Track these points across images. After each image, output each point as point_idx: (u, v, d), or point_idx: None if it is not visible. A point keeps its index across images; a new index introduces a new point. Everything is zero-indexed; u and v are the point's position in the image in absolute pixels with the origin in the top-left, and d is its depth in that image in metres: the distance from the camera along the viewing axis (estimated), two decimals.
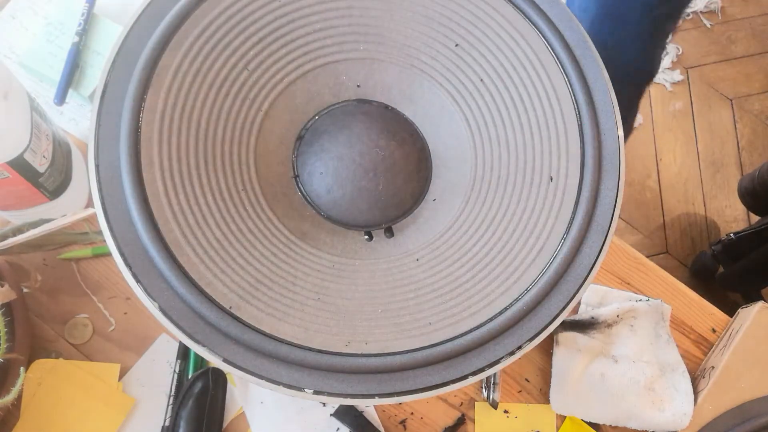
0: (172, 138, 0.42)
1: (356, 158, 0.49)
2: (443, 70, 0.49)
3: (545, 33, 0.46)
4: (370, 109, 0.52)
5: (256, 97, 0.47)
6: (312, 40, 0.48)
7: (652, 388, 0.55)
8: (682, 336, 0.60)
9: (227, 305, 0.38)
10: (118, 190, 0.39)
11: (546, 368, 0.58)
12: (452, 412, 0.57)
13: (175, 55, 0.42)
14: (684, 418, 0.54)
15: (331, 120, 0.51)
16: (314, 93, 0.50)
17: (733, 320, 0.61)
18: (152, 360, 0.55)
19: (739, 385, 0.56)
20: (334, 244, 0.46)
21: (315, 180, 0.49)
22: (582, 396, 0.55)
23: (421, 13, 0.48)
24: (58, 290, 0.57)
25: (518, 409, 0.57)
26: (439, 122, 0.51)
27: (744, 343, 0.56)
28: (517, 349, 0.40)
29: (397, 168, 0.50)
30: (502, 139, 0.47)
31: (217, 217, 0.42)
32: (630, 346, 0.57)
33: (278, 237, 0.44)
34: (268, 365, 0.37)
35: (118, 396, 0.54)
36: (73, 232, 0.57)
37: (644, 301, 0.59)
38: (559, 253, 0.41)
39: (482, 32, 0.47)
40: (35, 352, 0.54)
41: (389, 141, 0.50)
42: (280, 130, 0.49)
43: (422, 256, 0.45)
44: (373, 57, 0.50)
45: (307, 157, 0.50)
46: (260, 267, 0.42)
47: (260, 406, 0.54)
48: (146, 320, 0.56)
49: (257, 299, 0.40)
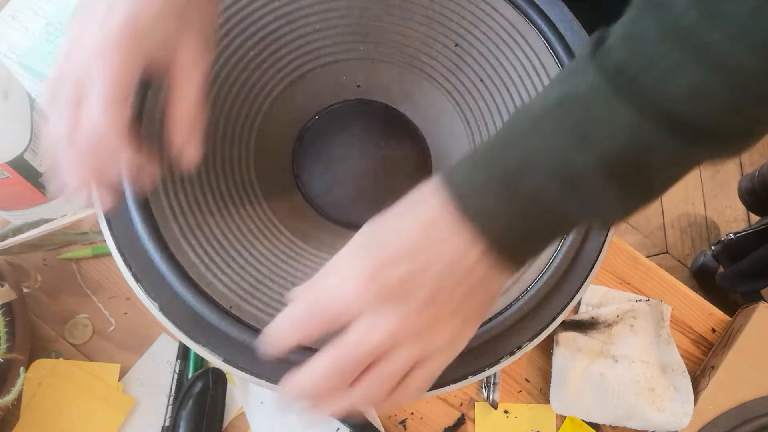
0: None
1: (356, 158, 0.49)
2: (443, 70, 0.49)
3: (546, 33, 0.46)
4: (370, 109, 0.52)
5: (256, 97, 0.47)
6: (312, 40, 0.48)
7: (652, 388, 0.55)
8: (682, 336, 0.60)
9: (227, 305, 0.38)
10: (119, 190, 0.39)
11: (546, 368, 0.58)
12: (452, 412, 0.56)
13: None
14: (684, 418, 0.54)
15: (331, 120, 0.51)
16: (314, 93, 0.50)
17: (733, 320, 0.61)
18: (152, 360, 0.55)
19: (739, 385, 0.56)
20: (334, 244, 0.47)
21: (315, 180, 0.49)
22: (582, 396, 0.55)
23: (420, 13, 0.48)
24: (58, 290, 0.57)
25: (518, 409, 0.57)
26: (439, 122, 0.51)
27: (744, 343, 0.56)
28: (517, 349, 0.40)
29: (397, 168, 0.50)
30: None
31: (217, 217, 0.42)
32: (630, 346, 0.57)
33: (278, 237, 0.44)
34: (268, 365, 0.37)
35: (118, 396, 0.54)
36: (73, 232, 0.57)
37: (644, 301, 0.59)
38: (559, 253, 0.41)
39: (482, 32, 0.47)
40: (35, 352, 0.54)
41: (389, 141, 0.50)
42: (280, 130, 0.49)
43: None
44: (373, 57, 0.50)
45: (307, 158, 0.50)
46: (260, 267, 0.42)
47: (260, 406, 0.54)
48: (146, 320, 0.56)
49: (257, 299, 0.40)
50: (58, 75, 0.32)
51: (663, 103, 0.25)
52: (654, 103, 0.25)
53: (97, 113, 0.31)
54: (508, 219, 0.28)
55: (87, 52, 0.31)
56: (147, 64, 0.32)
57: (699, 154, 0.27)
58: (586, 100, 0.26)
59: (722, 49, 0.24)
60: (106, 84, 0.31)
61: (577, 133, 0.26)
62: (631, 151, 0.26)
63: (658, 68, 0.25)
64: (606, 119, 0.26)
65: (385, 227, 0.30)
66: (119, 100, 0.31)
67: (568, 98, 0.27)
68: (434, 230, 0.29)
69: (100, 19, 0.31)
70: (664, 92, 0.25)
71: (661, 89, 0.25)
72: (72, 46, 0.32)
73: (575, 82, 0.27)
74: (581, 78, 0.27)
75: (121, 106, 0.31)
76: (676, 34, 0.24)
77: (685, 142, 0.26)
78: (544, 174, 0.27)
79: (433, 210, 0.29)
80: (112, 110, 0.31)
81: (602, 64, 0.26)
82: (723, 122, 0.26)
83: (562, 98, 0.27)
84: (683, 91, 0.25)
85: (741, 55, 0.24)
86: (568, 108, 0.27)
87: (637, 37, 0.26)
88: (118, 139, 0.32)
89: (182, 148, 0.35)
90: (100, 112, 0.31)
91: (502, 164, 0.28)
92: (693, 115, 0.25)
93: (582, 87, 0.26)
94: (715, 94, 0.25)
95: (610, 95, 0.26)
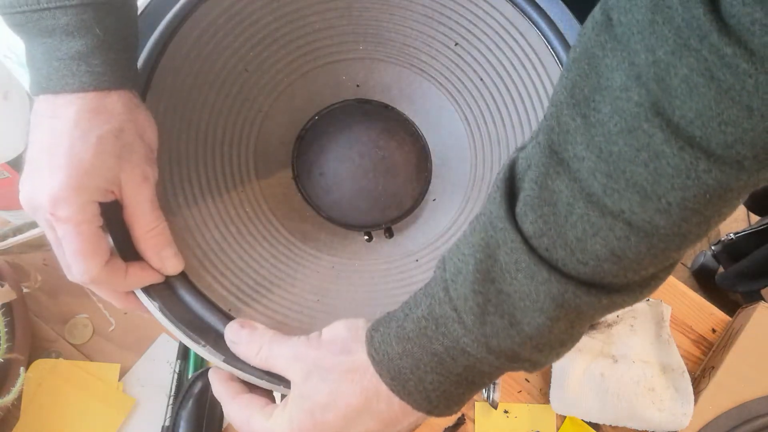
0: (171, 139, 0.42)
1: (356, 158, 0.49)
2: (443, 69, 0.49)
3: (546, 32, 0.45)
4: (370, 109, 0.52)
5: (256, 97, 0.47)
6: (312, 40, 0.48)
7: (652, 388, 0.55)
8: (682, 336, 0.60)
9: (226, 308, 0.38)
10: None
11: (546, 368, 0.58)
12: None
13: (174, 57, 0.42)
14: (684, 418, 0.54)
15: (331, 120, 0.51)
16: (314, 93, 0.50)
17: (733, 320, 0.61)
18: (152, 360, 0.55)
19: (739, 385, 0.56)
20: (334, 245, 0.46)
21: (315, 180, 0.49)
22: (582, 396, 0.55)
23: (420, 13, 0.48)
24: (58, 290, 0.57)
25: (518, 409, 0.57)
26: (438, 122, 0.51)
27: (744, 343, 0.56)
28: None
29: (397, 168, 0.50)
30: (502, 139, 0.47)
31: (217, 218, 0.42)
32: (630, 346, 0.57)
33: (278, 238, 0.44)
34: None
35: (118, 396, 0.54)
36: None
37: (644, 301, 0.59)
38: None
39: (482, 31, 0.47)
40: (35, 352, 0.54)
41: (389, 141, 0.50)
42: (280, 130, 0.49)
43: (422, 257, 0.45)
44: (372, 57, 0.50)
45: (307, 158, 0.50)
46: (260, 269, 0.42)
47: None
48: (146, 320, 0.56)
49: (257, 302, 0.40)
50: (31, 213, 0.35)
51: (580, 268, 0.26)
52: (573, 267, 0.26)
53: (77, 270, 0.34)
54: (441, 392, 0.30)
55: (45, 210, 0.33)
56: (101, 200, 0.34)
57: (622, 301, 0.28)
58: (509, 272, 0.27)
59: (633, 213, 0.24)
60: (72, 243, 0.33)
61: (506, 311, 0.28)
62: (557, 320, 0.27)
63: (574, 235, 0.26)
64: (529, 294, 0.27)
65: (326, 390, 0.32)
66: (90, 250, 0.33)
67: (490, 272, 0.28)
68: (375, 403, 0.31)
69: (47, 180, 0.33)
70: (582, 257, 0.26)
71: (578, 254, 0.26)
72: (30, 203, 0.34)
73: (494, 252, 0.28)
74: (501, 250, 0.27)
75: (94, 253, 0.34)
76: (587, 201, 0.25)
77: (608, 297, 0.27)
78: (475, 355, 0.29)
79: (372, 384, 0.31)
80: (90, 263, 0.33)
81: (520, 232, 0.27)
82: (638, 274, 0.27)
83: (482, 268, 0.28)
84: (601, 254, 0.26)
85: (653, 217, 0.24)
86: (491, 282, 0.28)
87: (548, 202, 0.26)
88: (106, 274, 0.34)
89: (160, 258, 0.37)
90: (80, 267, 0.34)
91: (432, 350, 0.30)
92: (613, 272, 0.26)
93: (502, 259, 0.27)
94: (635, 253, 0.25)
95: (531, 268, 0.26)
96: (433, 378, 0.30)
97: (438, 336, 0.29)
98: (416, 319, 0.30)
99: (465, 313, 0.28)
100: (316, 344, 0.33)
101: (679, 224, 0.24)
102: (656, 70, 0.22)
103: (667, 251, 0.26)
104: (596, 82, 0.24)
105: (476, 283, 0.28)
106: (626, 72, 0.23)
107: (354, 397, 0.31)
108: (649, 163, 0.23)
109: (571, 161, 0.25)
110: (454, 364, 0.30)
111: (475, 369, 0.30)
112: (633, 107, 0.23)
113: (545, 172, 0.26)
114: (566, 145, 0.25)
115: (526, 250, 0.26)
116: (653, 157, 0.23)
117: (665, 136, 0.22)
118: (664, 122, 0.22)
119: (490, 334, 0.28)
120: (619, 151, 0.24)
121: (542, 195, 0.26)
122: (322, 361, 0.32)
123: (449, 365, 0.30)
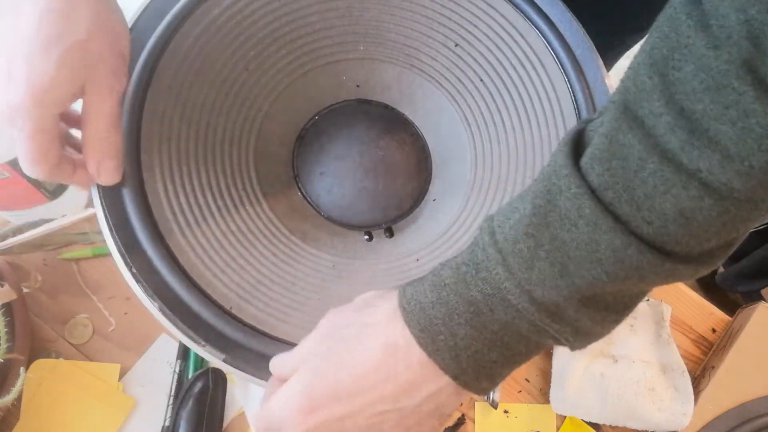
0: (172, 139, 0.42)
1: (356, 158, 0.49)
2: (443, 70, 0.49)
3: (545, 33, 0.46)
4: (370, 109, 0.52)
5: (256, 97, 0.47)
6: (312, 40, 0.48)
7: (652, 388, 0.55)
8: (682, 336, 0.60)
9: (227, 306, 0.38)
10: (118, 191, 0.39)
11: (546, 368, 0.58)
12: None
13: (174, 56, 0.42)
14: (684, 418, 0.54)
15: (331, 120, 0.51)
16: (314, 93, 0.50)
17: (733, 320, 0.61)
18: (152, 360, 0.55)
19: (739, 385, 0.56)
20: (335, 244, 0.47)
21: (315, 180, 0.49)
22: (582, 396, 0.55)
23: (420, 13, 0.48)
24: (58, 290, 0.57)
25: (518, 409, 0.57)
26: (438, 122, 0.51)
27: (744, 343, 0.56)
28: None
29: (397, 168, 0.50)
30: (502, 139, 0.47)
31: (217, 217, 0.42)
32: (630, 346, 0.57)
33: (278, 237, 0.44)
34: (269, 365, 0.37)
35: (118, 396, 0.54)
36: (73, 232, 0.57)
37: (644, 301, 0.59)
38: None
39: (482, 32, 0.47)
40: (35, 352, 0.54)
41: (389, 141, 0.50)
42: (280, 130, 0.49)
43: (422, 256, 0.45)
44: (372, 57, 0.50)
45: (307, 158, 0.50)
46: (260, 267, 0.42)
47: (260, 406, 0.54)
48: (146, 320, 0.56)
49: (257, 299, 0.40)
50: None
51: (644, 227, 0.25)
52: (637, 225, 0.25)
53: (28, 171, 0.35)
54: (473, 352, 0.28)
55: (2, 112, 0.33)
56: (62, 111, 0.34)
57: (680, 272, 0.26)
58: (568, 218, 0.25)
59: (711, 173, 0.23)
60: (23, 149, 0.33)
61: (558, 259, 0.26)
62: (614, 277, 0.25)
63: (643, 191, 0.24)
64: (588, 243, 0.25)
65: (342, 347, 0.29)
66: (40, 158, 0.34)
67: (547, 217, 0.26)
68: (393, 363, 0.28)
69: (4, 89, 0.32)
70: (649, 215, 0.25)
71: (644, 212, 0.25)
72: None
73: (554, 198, 0.26)
74: (562, 195, 0.26)
75: (44, 160, 0.34)
76: (661, 157, 0.24)
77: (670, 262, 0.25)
78: (516, 305, 0.27)
79: (394, 339, 0.28)
80: (38, 168, 0.34)
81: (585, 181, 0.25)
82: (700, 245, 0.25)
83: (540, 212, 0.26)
84: (669, 214, 0.24)
85: (731, 179, 0.23)
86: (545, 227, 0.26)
87: (618, 156, 0.25)
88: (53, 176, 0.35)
89: (99, 166, 0.37)
90: (30, 170, 0.35)
91: (470, 297, 0.27)
92: (678, 236, 0.25)
93: (563, 204, 0.26)
94: (705, 216, 0.24)
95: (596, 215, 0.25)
96: (467, 332, 0.27)
97: (477, 281, 0.27)
98: (455, 265, 0.28)
99: (512, 255, 0.26)
100: (334, 311, 0.32)
101: (755, 189, 0.23)
102: (749, 28, 0.21)
103: (735, 219, 0.24)
104: (676, 41, 0.23)
105: (530, 227, 0.26)
106: (714, 33, 0.22)
107: (371, 353, 0.28)
108: (737, 122, 0.22)
109: (647, 117, 0.24)
110: (491, 317, 0.27)
111: (513, 329, 0.27)
112: (722, 65, 0.22)
113: (617, 127, 0.25)
114: (642, 102, 0.24)
115: (592, 197, 0.25)
116: (742, 116, 0.22)
117: (757, 94, 0.21)
118: (756, 80, 0.21)
119: (536, 281, 0.26)
120: (704, 109, 0.22)
121: (611, 148, 0.25)
122: (341, 318, 0.30)
123: (486, 318, 0.27)
